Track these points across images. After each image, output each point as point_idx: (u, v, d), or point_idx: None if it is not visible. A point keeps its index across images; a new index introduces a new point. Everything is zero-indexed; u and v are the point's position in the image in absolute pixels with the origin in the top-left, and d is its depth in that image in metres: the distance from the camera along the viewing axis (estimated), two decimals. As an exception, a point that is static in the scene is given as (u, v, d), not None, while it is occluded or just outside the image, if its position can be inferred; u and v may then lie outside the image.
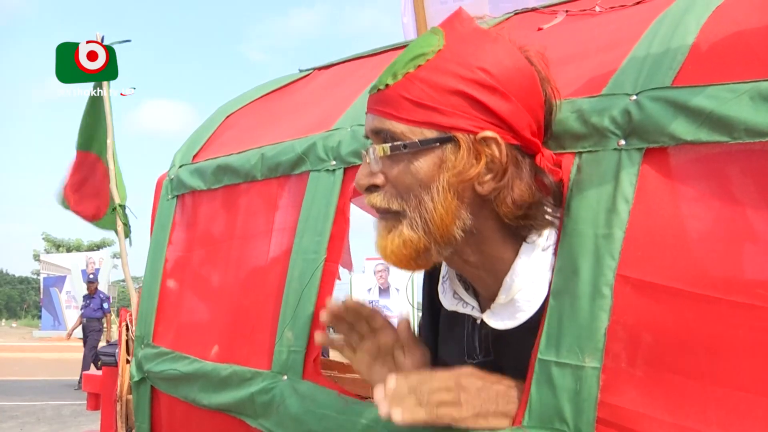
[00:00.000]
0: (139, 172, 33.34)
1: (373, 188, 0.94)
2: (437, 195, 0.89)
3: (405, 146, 0.89)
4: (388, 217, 0.94)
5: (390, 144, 0.90)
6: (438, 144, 0.89)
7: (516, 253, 0.96)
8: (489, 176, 0.90)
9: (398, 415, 0.86)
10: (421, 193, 0.90)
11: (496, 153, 0.88)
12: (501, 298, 0.97)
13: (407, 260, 0.93)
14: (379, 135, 0.93)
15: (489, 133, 0.88)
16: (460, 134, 0.88)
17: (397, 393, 0.89)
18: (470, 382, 0.91)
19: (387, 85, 0.91)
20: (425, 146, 0.89)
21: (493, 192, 0.90)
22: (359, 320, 1.06)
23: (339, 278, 1.34)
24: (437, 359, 1.16)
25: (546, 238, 0.95)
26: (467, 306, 1.04)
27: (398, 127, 0.90)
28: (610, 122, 0.91)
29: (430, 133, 0.89)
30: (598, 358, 0.84)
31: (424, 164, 0.89)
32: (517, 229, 0.95)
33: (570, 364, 0.86)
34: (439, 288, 1.11)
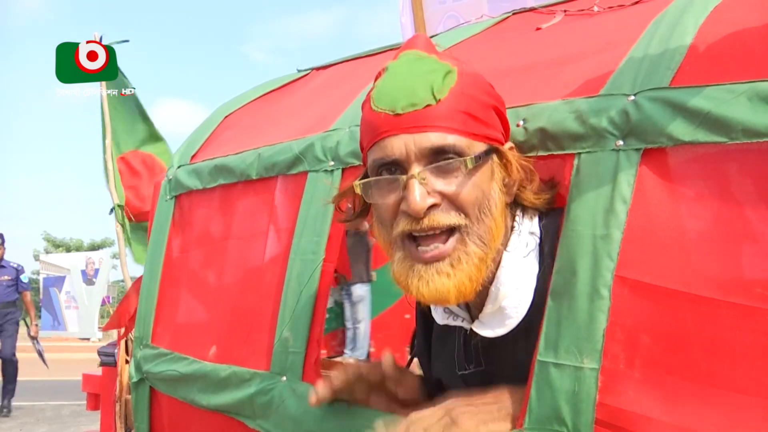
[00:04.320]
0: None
1: (430, 209, 0.89)
2: (494, 207, 0.91)
3: (479, 158, 0.89)
4: (447, 246, 0.89)
5: (473, 156, 0.89)
6: (491, 155, 0.92)
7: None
8: (516, 181, 0.95)
9: None
10: (483, 205, 0.90)
11: (515, 160, 0.94)
12: (488, 307, 0.98)
13: (476, 284, 0.91)
14: (433, 153, 0.89)
15: (510, 144, 0.97)
16: (499, 145, 0.93)
17: None
18: (456, 405, 0.90)
19: (438, 100, 0.88)
20: (486, 158, 0.91)
21: (516, 194, 0.96)
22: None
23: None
24: (431, 377, 1.16)
25: (526, 245, 0.97)
26: (458, 318, 1.05)
27: (462, 141, 0.89)
28: (608, 123, 0.91)
29: (481, 146, 0.91)
30: (597, 360, 0.84)
31: (482, 177, 0.91)
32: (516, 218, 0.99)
33: (568, 366, 0.86)
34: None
